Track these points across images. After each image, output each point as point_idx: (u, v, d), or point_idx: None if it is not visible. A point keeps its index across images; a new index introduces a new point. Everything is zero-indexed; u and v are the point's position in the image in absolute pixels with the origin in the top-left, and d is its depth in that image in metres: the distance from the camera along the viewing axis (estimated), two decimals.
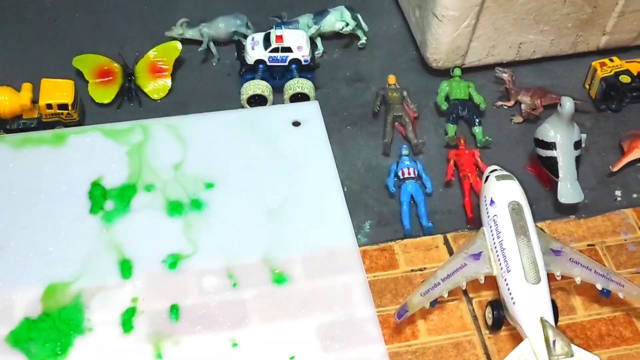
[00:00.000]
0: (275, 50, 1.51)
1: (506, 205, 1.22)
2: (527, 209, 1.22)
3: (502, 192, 1.24)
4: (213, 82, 1.58)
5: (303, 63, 1.52)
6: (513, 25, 1.54)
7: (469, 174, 1.42)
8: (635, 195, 1.43)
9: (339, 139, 1.49)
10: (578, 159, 1.40)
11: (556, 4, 1.52)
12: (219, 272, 1.25)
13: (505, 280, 1.17)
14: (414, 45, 1.65)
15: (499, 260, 1.19)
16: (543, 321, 1.11)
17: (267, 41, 1.52)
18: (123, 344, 1.17)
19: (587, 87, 1.60)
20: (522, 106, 1.55)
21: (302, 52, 1.51)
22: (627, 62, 1.58)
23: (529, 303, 1.14)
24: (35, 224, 1.29)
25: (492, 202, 1.24)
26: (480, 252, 1.21)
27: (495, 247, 1.20)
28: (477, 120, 1.51)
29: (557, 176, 1.38)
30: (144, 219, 1.31)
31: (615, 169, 1.46)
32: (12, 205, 1.32)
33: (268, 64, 1.52)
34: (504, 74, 1.56)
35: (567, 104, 1.36)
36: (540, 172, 1.45)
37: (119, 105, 1.53)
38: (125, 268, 1.25)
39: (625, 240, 1.34)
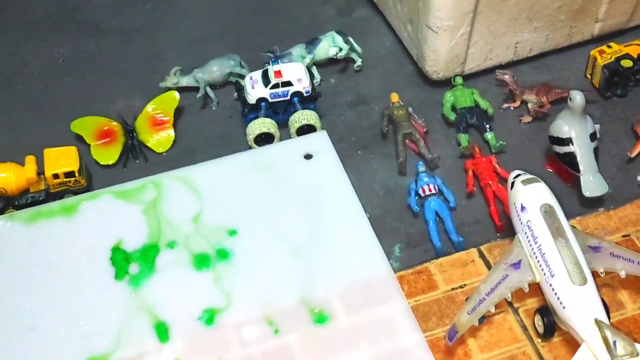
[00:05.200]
0: (276, 86, 1.49)
1: (538, 209, 1.20)
2: (559, 209, 1.20)
3: (532, 197, 1.22)
4: (216, 127, 1.56)
5: (305, 94, 1.50)
6: (507, 26, 1.53)
7: (490, 182, 1.40)
8: None
9: (352, 165, 1.46)
10: (596, 151, 1.38)
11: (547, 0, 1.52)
12: (258, 321, 1.21)
13: (550, 285, 1.15)
14: (410, 59, 1.64)
15: (540, 265, 1.17)
16: (598, 322, 1.08)
17: (265, 78, 1.50)
18: None
19: (589, 76, 1.59)
20: (529, 105, 1.53)
21: (302, 84, 1.50)
22: (624, 46, 1.57)
23: (580, 306, 1.12)
24: (62, 299, 1.26)
25: (522, 207, 1.22)
26: (520, 260, 1.19)
27: (534, 253, 1.18)
28: (487, 125, 1.49)
29: (578, 171, 1.37)
30: (171, 277, 1.28)
31: (633, 154, 1.45)
32: (34, 283, 1.28)
33: (270, 100, 1.50)
34: (505, 76, 1.55)
35: (578, 98, 1.35)
36: (559, 169, 1.43)
37: (125, 164, 1.50)
38: (162, 331, 1.21)
39: None
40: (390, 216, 1.39)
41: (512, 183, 1.26)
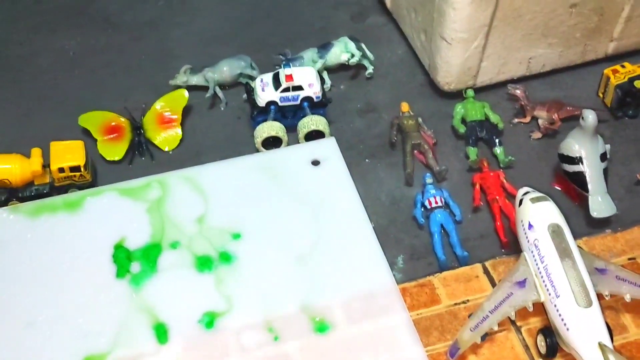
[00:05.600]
0: (286, 89, 1.48)
1: (546, 228, 1.19)
2: (567, 229, 1.19)
3: (540, 215, 1.20)
4: (224, 127, 1.55)
5: (315, 100, 1.49)
6: (521, 41, 1.52)
7: (497, 197, 1.39)
8: None
9: (359, 173, 1.45)
10: (605, 171, 1.37)
11: (563, 16, 1.50)
12: (258, 327, 1.21)
13: (555, 306, 1.14)
14: (422, 69, 1.63)
15: (545, 285, 1.16)
16: (602, 346, 1.08)
17: (276, 81, 1.49)
18: None
19: (601, 95, 1.58)
20: (540, 121, 1.52)
21: (313, 89, 1.49)
22: (638, 66, 1.56)
23: (584, 328, 1.11)
24: (61, 295, 1.25)
25: (530, 226, 1.21)
26: (525, 279, 1.18)
27: (540, 273, 1.17)
28: (497, 140, 1.48)
29: (587, 191, 1.36)
30: (173, 278, 1.27)
31: None
32: (34, 278, 1.27)
33: (280, 104, 1.49)
34: (517, 90, 1.54)
35: (590, 117, 1.33)
36: (567, 188, 1.42)
37: (131, 161, 1.50)
38: (161, 332, 1.20)
39: None
40: (395, 227, 1.38)
41: (521, 200, 1.25)
